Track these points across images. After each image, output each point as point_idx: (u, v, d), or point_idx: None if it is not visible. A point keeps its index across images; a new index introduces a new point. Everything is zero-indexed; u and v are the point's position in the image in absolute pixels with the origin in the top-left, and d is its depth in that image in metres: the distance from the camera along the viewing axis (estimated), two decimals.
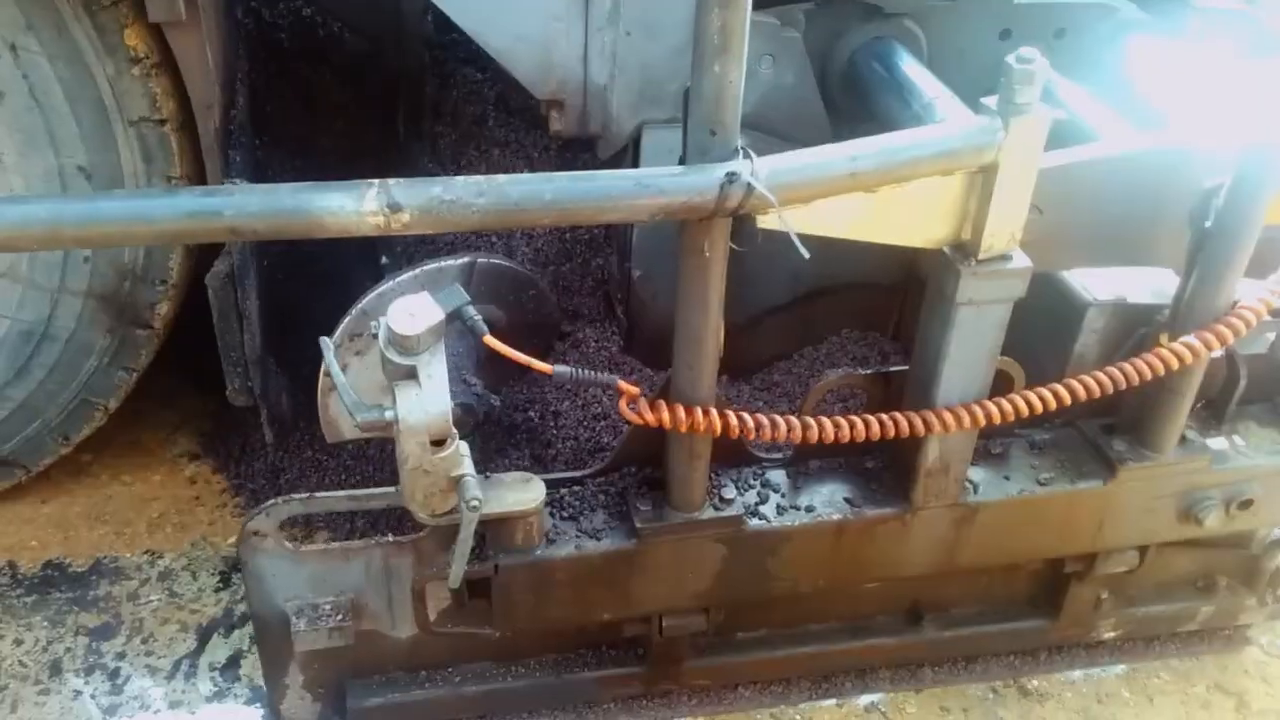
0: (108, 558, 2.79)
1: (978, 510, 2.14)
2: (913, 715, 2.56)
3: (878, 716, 2.55)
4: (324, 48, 2.89)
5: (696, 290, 1.70)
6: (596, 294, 2.81)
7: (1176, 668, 2.72)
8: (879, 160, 1.60)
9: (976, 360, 1.90)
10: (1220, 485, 2.23)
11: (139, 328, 2.57)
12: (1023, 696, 2.63)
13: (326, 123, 2.95)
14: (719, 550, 2.05)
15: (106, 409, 2.71)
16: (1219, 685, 2.71)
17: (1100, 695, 2.65)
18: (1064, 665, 2.67)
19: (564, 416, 2.57)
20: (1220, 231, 1.89)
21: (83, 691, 2.47)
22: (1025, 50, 1.63)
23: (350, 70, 2.92)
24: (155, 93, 2.25)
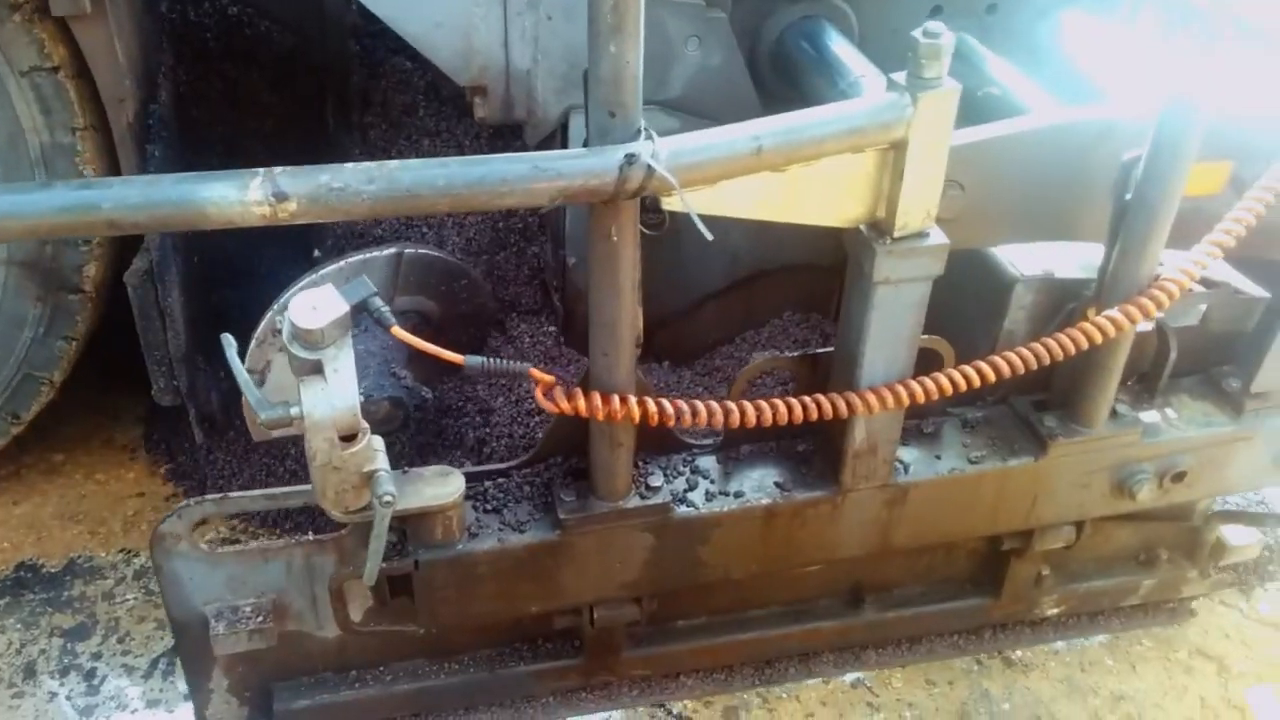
0: (82, 557, 2.76)
1: (909, 490, 2.12)
2: (899, 690, 2.57)
3: (863, 692, 2.55)
4: (250, 42, 2.83)
5: (607, 275, 1.67)
6: (533, 283, 2.77)
7: (1159, 634, 2.74)
8: (783, 139, 1.57)
9: (898, 339, 1.88)
10: (1153, 458, 2.22)
11: (69, 292, 2.50)
12: (1007, 667, 2.65)
13: (254, 117, 2.89)
14: (647, 539, 2.03)
15: (52, 383, 2.64)
16: (1200, 650, 2.73)
17: (1084, 664, 2.67)
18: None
19: (498, 414, 2.53)
20: (1140, 204, 1.88)
21: (58, 693, 2.44)
22: (932, 24, 1.60)
23: (277, 63, 2.86)
24: (42, 39, 2.16)
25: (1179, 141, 1.78)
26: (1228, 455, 2.27)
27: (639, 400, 1.79)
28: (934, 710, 2.53)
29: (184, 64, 2.73)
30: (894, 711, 2.51)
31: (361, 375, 2.36)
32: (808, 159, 1.61)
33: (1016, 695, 2.58)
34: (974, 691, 2.57)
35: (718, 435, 2.15)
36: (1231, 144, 2.00)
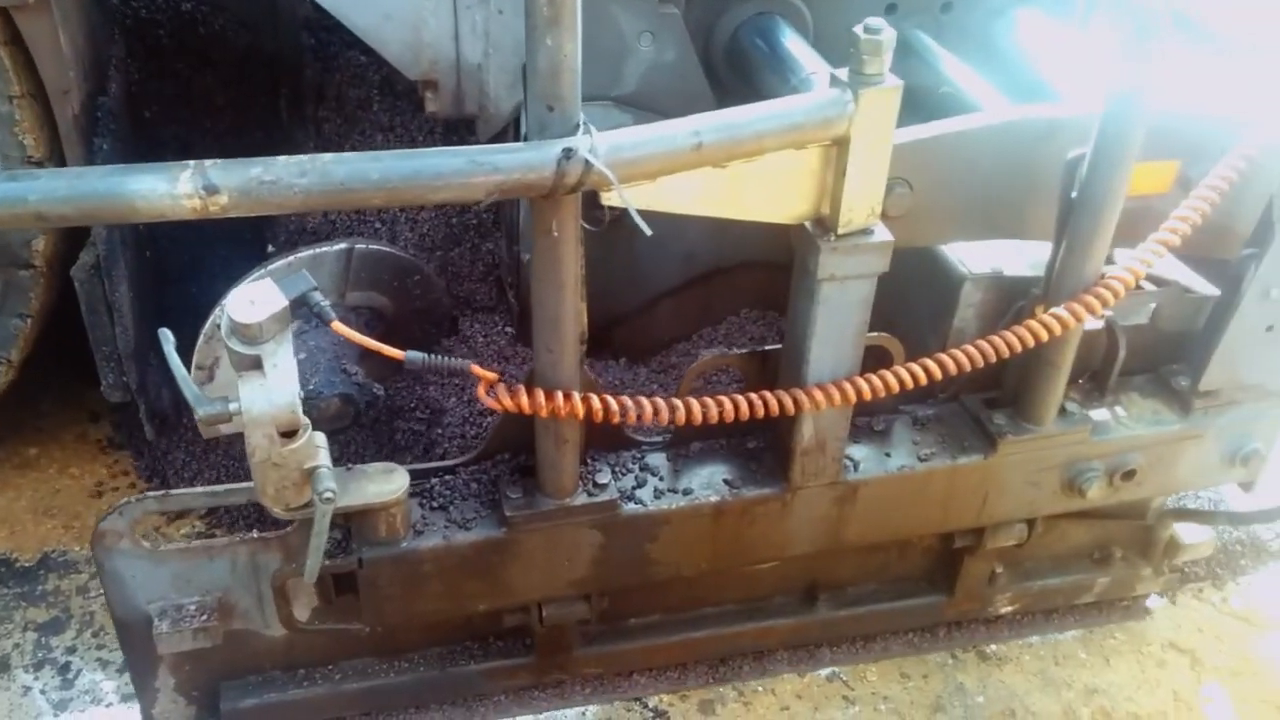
0: (56, 551, 2.73)
1: (858, 488, 2.12)
2: (874, 683, 2.58)
3: (839, 685, 2.56)
4: (204, 37, 2.80)
5: (549, 271, 1.66)
6: (488, 280, 2.76)
7: (1132, 628, 2.76)
8: (723, 134, 1.56)
9: (844, 336, 1.87)
10: (1102, 456, 2.23)
11: (19, 268, 2.45)
12: (981, 660, 2.66)
13: (209, 112, 2.86)
14: (594, 536, 2.02)
15: (10, 362, 2.59)
16: (1173, 644, 2.75)
17: (1057, 657, 2.69)
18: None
19: (450, 414, 2.52)
20: (1085, 202, 1.88)
21: (32, 687, 2.41)
22: (873, 21, 1.60)
23: (231, 58, 2.82)
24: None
25: (1121, 140, 1.79)
26: (1177, 453, 2.28)
27: (583, 397, 1.78)
28: (909, 703, 2.54)
29: (136, 58, 2.70)
30: (869, 705, 2.53)
31: (311, 372, 2.35)
32: (749, 155, 1.60)
33: (990, 688, 2.59)
34: (948, 685, 2.59)
35: (668, 432, 2.14)
36: (1179, 143, 2.01)
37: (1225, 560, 2.96)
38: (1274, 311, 2.07)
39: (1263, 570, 2.97)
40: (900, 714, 2.52)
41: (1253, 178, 1.98)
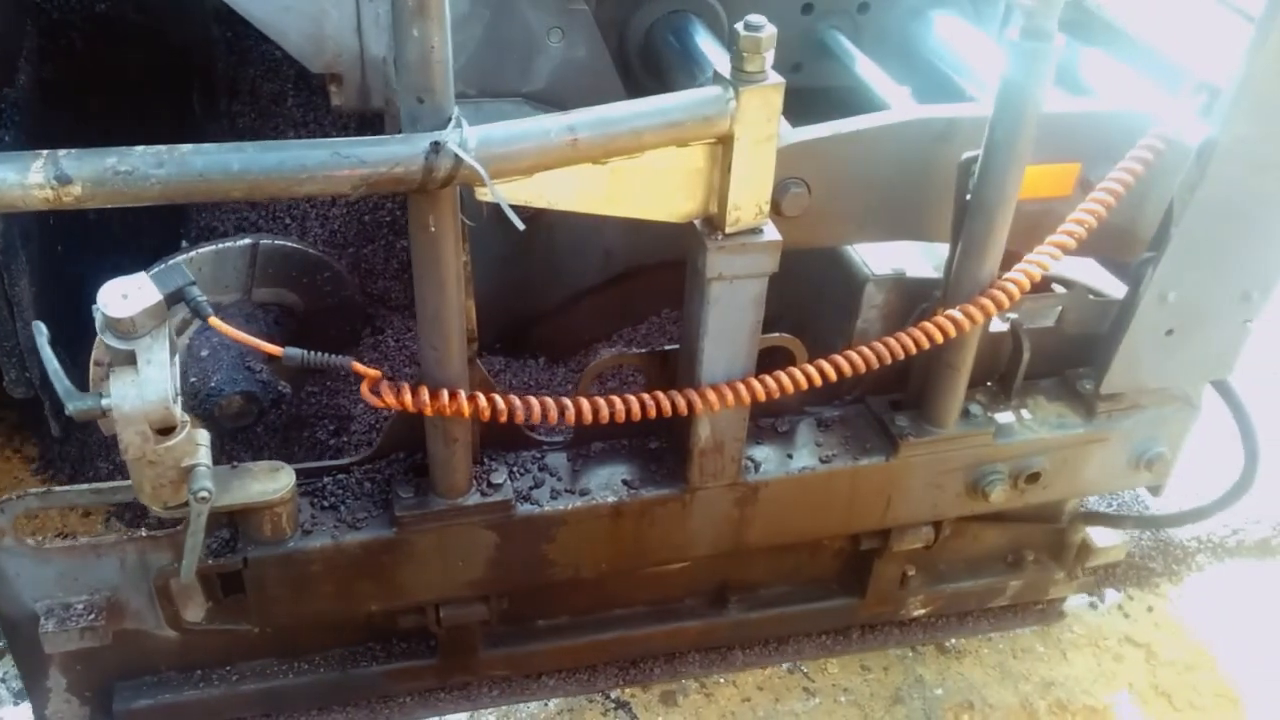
0: None
1: (759, 489, 2.11)
2: (834, 675, 2.60)
3: (800, 677, 2.58)
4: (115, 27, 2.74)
5: (429, 268, 1.64)
6: (403, 277, 2.73)
7: (1089, 622, 2.80)
8: (600, 130, 1.55)
9: (737, 337, 1.86)
10: (1006, 459, 2.23)
11: None
12: (940, 653, 2.69)
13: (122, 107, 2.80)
14: (489, 537, 2.00)
15: None
16: (1129, 638, 2.79)
17: (1015, 650, 2.72)
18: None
19: (358, 421, 2.48)
20: (978, 204, 1.88)
21: None
22: (754, 17, 1.58)
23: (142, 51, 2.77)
24: None
25: (1010, 142, 1.79)
26: (1082, 457, 2.28)
27: (470, 396, 1.76)
28: (869, 695, 2.57)
29: (47, 51, 2.64)
30: (829, 696, 2.55)
31: (214, 368, 2.31)
32: (628, 152, 1.59)
33: (949, 681, 2.63)
34: (908, 677, 2.62)
35: (569, 433, 2.12)
36: (1079, 145, 2.01)
37: (1183, 556, 3.02)
38: (1173, 315, 2.07)
39: (1219, 566, 3.03)
40: (860, 706, 2.55)
41: (1155, 180, 1.98)
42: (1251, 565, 3.06)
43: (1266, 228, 1.99)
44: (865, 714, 2.54)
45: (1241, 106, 1.83)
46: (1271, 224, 1.99)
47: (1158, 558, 3.02)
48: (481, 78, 2.35)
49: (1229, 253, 2.00)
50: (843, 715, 2.53)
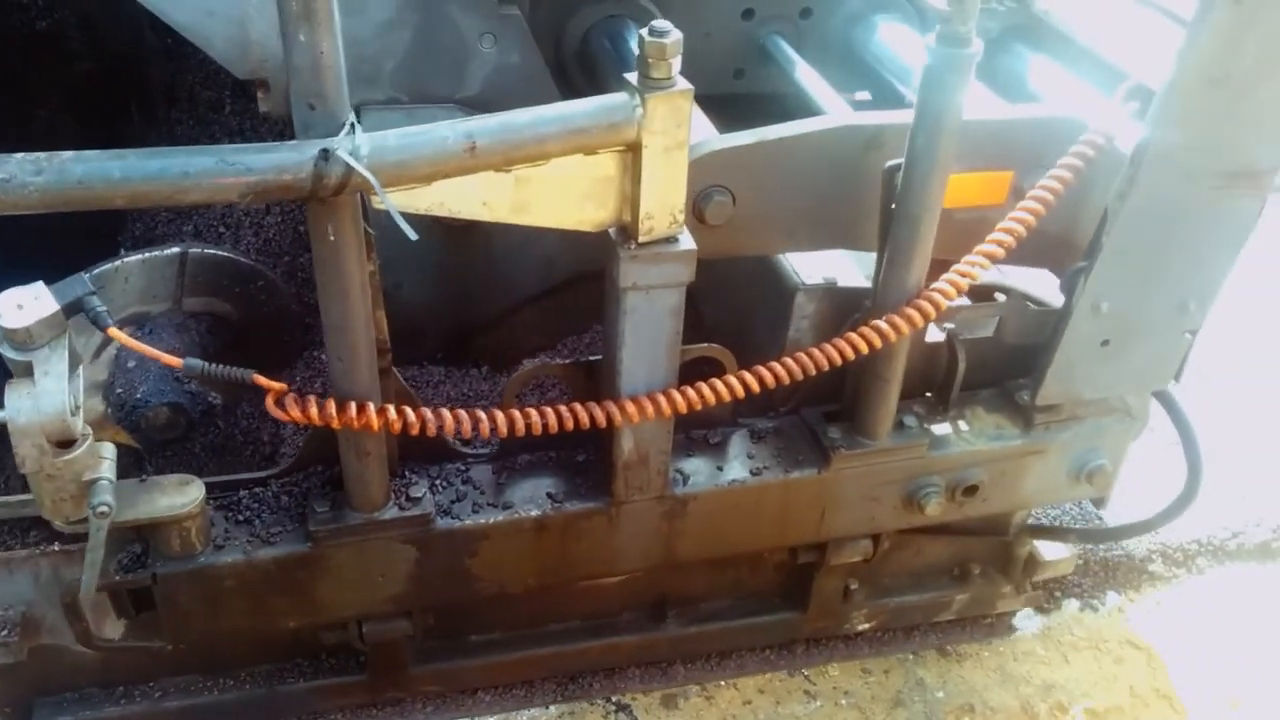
0: None
1: (688, 502, 2.07)
2: (835, 678, 2.59)
3: (800, 680, 2.57)
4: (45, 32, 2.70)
5: (330, 277, 1.60)
6: None
7: (1090, 624, 2.80)
8: (499, 138, 1.51)
9: (656, 347, 1.83)
10: (943, 471, 2.20)
11: None
12: (941, 656, 2.68)
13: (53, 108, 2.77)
14: (408, 551, 1.96)
15: None
16: (1130, 641, 2.78)
17: (1016, 653, 2.71)
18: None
19: (286, 433, 2.44)
20: (903, 213, 1.85)
21: None
22: (659, 22, 1.55)
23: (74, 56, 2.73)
24: None
25: (932, 150, 1.75)
26: (1021, 469, 2.25)
27: (380, 409, 1.72)
28: (870, 698, 2.56)
29: None
30: (830, 699, 2.54)
31: (141, 380, 2.27)
32: (531, 160, 1.55)
33: (950, 684, 2.61)
34: (909, 680, 2.61)
35: (494, 445, 2.09)
36: (1012, 152, 1.98)
37: (1183, 559, 3.01)
38: (1108, 326, 2.04)
39: (1220, 569, 3.03)
40: (861, 709, 2.54)
41: (1091, 188, 1.95)
42: (1252, 568, 3.06)
43: (1201, 237, 1.96)
44: (866, 717, 2.54)
45: (1170, 112, 1.80)
46: (1206, 233, 1.96)
47: (1158, 560, 3.01)
48: (413, 83, 2.31)
49: (1163, 262, 1.97)
50: (844, 718, 2.53)
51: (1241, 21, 1.69)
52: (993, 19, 2.70)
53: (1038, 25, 2.63)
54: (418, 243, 2.29)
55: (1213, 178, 1.88)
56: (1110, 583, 2.94)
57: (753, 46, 2.60)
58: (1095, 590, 2.90)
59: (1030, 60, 2.60)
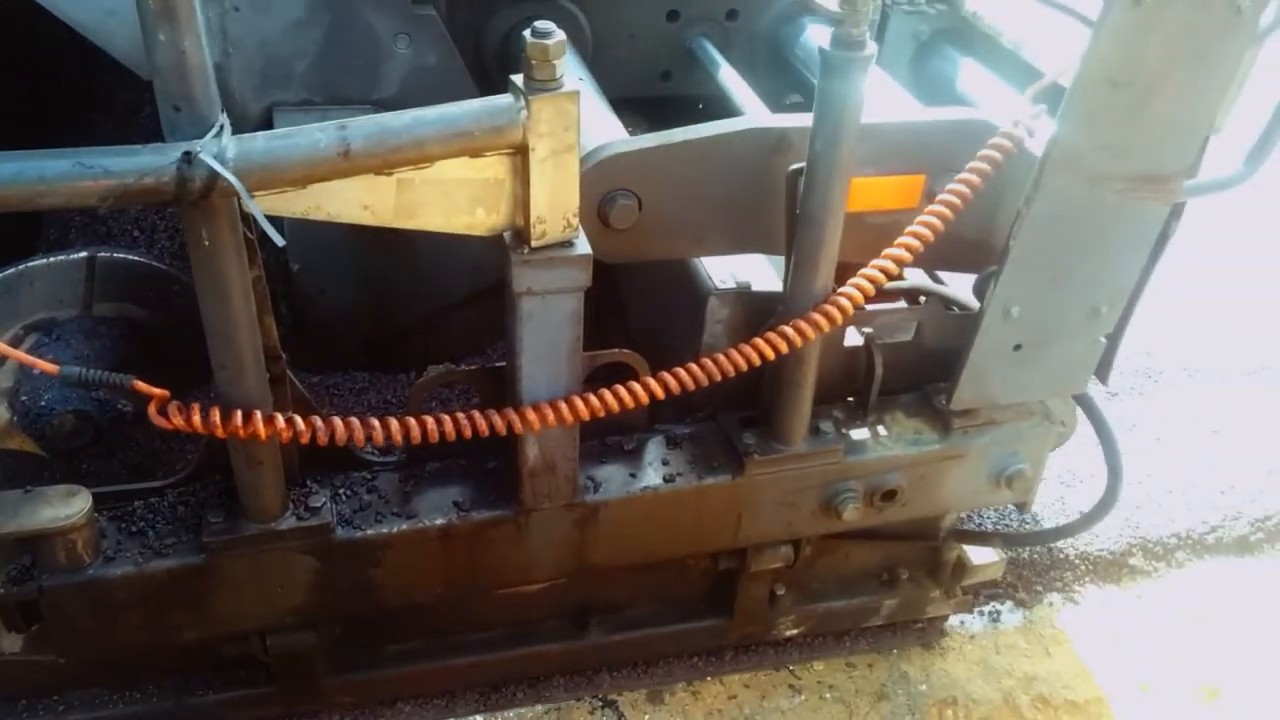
0: None
1: (599, 510, 2.04)
2: (820, 672, 2.61)
3: (786, 675, 2.59)
4: None
5: (208, 283, 1.56)
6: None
7: (1071, 618, 2.84)
8: (376, 141, 1.48)
9: (556, 353, 1.79)
10: (859, 477, 2.17)
11: None
12: (925, 650, 2.70)
13: None
14: (308, 562, 1.92)
15: None
16: (1111, 633, 2.81)
17: (999, 646, 2.74)
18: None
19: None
20: (806, 217, 1.82)
21: None
22: (541, 24, 1.52)
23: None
24: None
25: (832, 154, 1.73)
26: (940, 474, 2.23)
27: (268, 417, 1.68)
28: (854, 691, 2.58)
29: None
30: (815, 693, 2.56)
31: (46, 386, 2.22)
32: (412, 163, 1.52)
33: (934, 676, 2.63)
34: (892, 673, 2.63)
35: (402, 452, 2.05)
36: (923, 156, 1.96)
37: (1162, 553, 3.05)
38: (1019, 330, 2.02)
39: (1199, 562, 3.07)
40: (845, 703, 2.56)
41: (1006, 192, 1.93)
42: (1230, 562, 3.10)
43: (1109, 241, 1.94)
44: (850, 710, 2.55)
45: (1074, 114, 1.78)
46: (1114, 237, 1.94)
47: (1138, 554, 3.04)
48: (326, 85, 2.28)
49: (1071, 267, 1.95)
50: (828, 712, 2.54)
51: (1142, 23, 1.67)
52: (923, 22, 2.69)
53: (968, 28, 2.61)
54: (338, 247, 2.28)
55: (1119, 181, 1.86)
56: (1091, 576, 2.98)
57: (679, 48, 2.57)
58: (1076, 584, 2.95)
59: (961, 63, 2.58)
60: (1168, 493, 3.23)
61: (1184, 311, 4.06)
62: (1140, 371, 3.76)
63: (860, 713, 2.54)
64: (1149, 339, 3.90)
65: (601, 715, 2.48)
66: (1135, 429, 3.49)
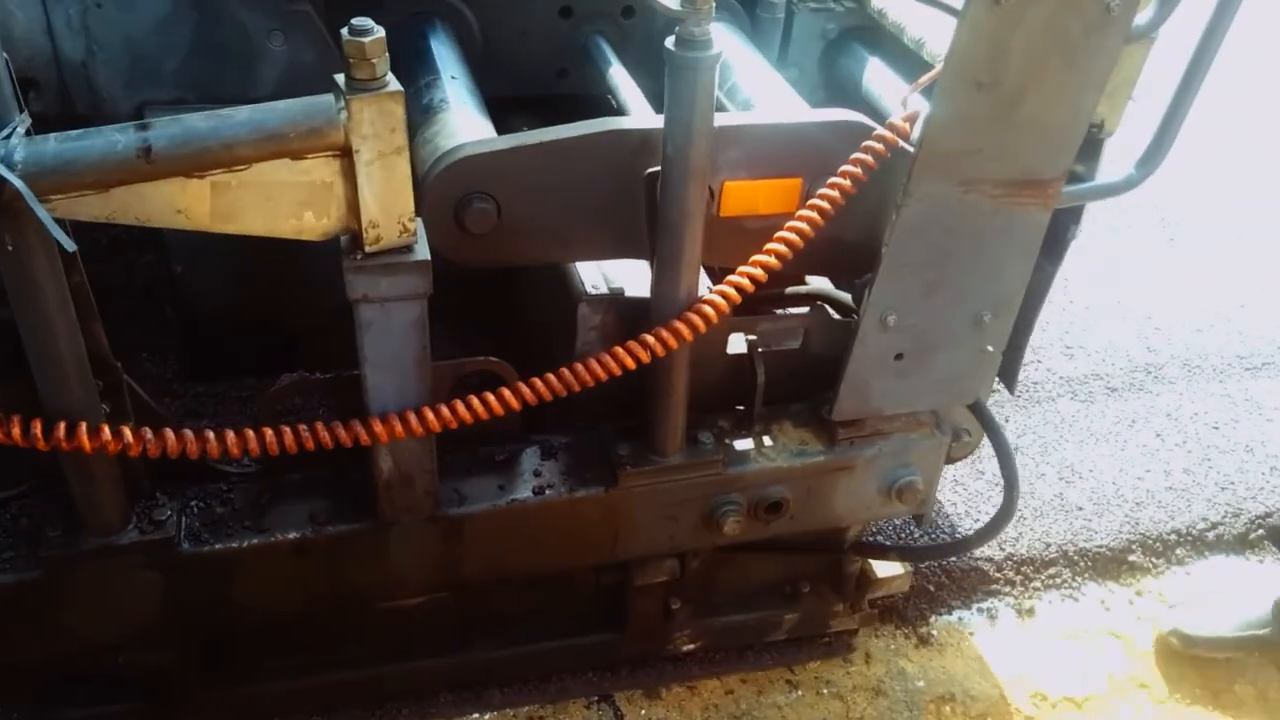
0: None
1: (464, 523, 1.97)
2: (816, 669, 2.63)
3: (783, 671, 2.61)
4: None
5: (18, 289, 1.50)
6: (151, 296, 2.57)
7: (1070, 614, 2.87)
8: (180, 143, 1.41)
9: (401, 363, 1.73)
10: (742, 489, 2.11)
11: None
12: (923, 644, 2.71)
13: None
14: (154, 578, 1.85)
15: None
16: (1109, 630, 2.81)
17: (997, 643, 2.76)
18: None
19: None
20: (664, 221, 1.76)
21: None
22: (359, 20, 1.46)
23: None
24: None
25: (683, 157, 1.67)
26: (828, 486, 2.17)
27: (94, 429, 1.61)
28: (851, 687, 2.58)
29: None
30: (812, 689, 2.57)
31: None
32: (222, 165, 1.45)
33: (931, 672, 2.63)
34: (890, 669, 2.62)
35: (257, 464, 1.98)
36: (799, 159, 1.90)
37: (1163, 550, 3.06)
38: (899, 339, 1.96)
39: (1199, 560, 3.08)
40: (843, 698, 2.56)
41: (887, 196, 1.87)
42: (1230, 559, 3.10)
43: (989, 248, 1.88)
44: (848, 706, 2.54)
45: (942, 117, 1.72)
46: (994, 244, 1.88)
47: (1138, 551, 3.04)
48: (199, 82, 2.21)
49: (949, 274, 1.89)
50: (825, 707, 2.54)
51: (1004, 23, 1.61)
52: (831, 19, 2.63)
53: (875, 26, 2.55)
54: (222, 248, 2.17)
55: (992, 186, 1.80)
56: (1091, 573, 2.99)
57: (574, 46, 2.50)
58: (1076, 581, 2.96)
59: (869, 62, 2.52)
60: (1167, 489, 3.24)
61: (1184, 307, 4.08)
62: (1140, 368, 3.77)
63: (857, 708, 2.54)
64: (1149, 335, 3.92)
65: (598, 710, 2.47)
66: (1135, 425, 3.50)
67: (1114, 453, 3.40)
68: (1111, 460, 3.36)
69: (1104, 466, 3.33)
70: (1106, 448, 3.43)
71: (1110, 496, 3.22)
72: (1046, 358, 3.84)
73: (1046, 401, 3.62)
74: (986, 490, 3.11)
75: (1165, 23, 1.78)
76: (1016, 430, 3.47)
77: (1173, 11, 1.75)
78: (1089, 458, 3.37)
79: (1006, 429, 3.34)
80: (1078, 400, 3.64)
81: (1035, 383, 3.69)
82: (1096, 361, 3.83)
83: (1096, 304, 4.12)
